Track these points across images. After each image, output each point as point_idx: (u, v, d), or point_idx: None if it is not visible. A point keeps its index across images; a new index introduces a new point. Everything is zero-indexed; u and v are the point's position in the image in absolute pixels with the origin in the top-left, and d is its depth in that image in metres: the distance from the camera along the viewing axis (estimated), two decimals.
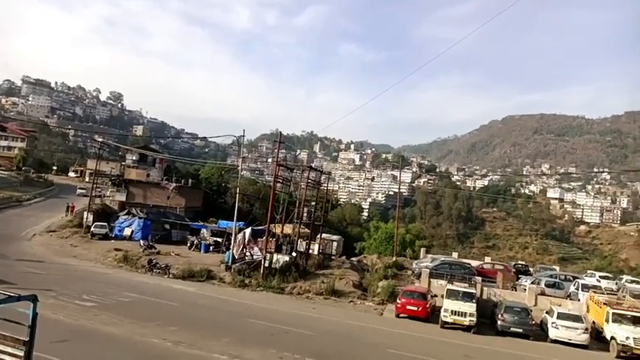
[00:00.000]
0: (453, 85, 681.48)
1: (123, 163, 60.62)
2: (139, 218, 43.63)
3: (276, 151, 35.72)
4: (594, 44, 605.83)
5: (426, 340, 20.59)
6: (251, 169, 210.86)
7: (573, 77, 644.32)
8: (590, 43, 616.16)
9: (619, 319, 21.50)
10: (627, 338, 20.32)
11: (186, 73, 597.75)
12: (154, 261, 31.26)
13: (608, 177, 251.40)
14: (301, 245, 34.25)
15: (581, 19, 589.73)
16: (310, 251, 35.44)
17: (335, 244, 42.60)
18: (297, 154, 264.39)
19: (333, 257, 39.64)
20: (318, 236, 38.40)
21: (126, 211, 47.47)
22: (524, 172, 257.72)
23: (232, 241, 32.95)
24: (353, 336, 19.63)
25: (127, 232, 42.68)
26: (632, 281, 40.05)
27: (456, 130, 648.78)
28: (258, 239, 34.78)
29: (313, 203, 36.65)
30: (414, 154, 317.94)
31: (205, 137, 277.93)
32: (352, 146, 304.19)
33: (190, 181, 62.68)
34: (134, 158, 59.58)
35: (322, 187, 40.02)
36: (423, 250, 49.15)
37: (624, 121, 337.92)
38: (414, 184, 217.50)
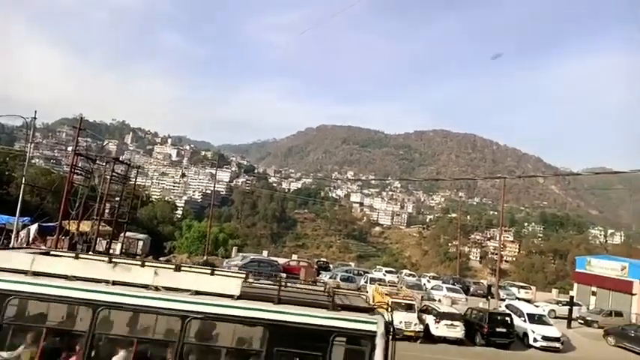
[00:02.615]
0: (275, 90, 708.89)
1: None
2: None
3: (77, 138, 31.82)
4: (396, 69, 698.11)
5: None
6: (46, 157, 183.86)
7: (376, 96, 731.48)
8: (391, 67, 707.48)
9: (396, 306, 25.08)
10: (400, 322, 23.85)
11: None
12: None
13: (398, 185, 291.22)
14: (101, 244, 31.29)
15: (381, 46, 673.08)
16: (111, 251, 32.63)
17: (141, 243, 40.12)
18: (105, 144, 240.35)
19: (138, 257, 37.23)
20: (122, 235, 35.66)
21: None
22: (333, 178, 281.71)
23: (13, 239, 28.25)
24: None
25: None
26: (409, 274, 47.35)
27: (275, 133, 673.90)
28: (48, 237, 30.57)
29: (118, 199, 33.80)
30: (234, 154, 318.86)
31: None
32: (169, 140, 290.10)
33: None
34: None
35: (131, 182, 37.24)
36: (235, 248, 49.69)
37: (413, 138, 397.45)
38: (232, 184, 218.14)
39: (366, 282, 33.88)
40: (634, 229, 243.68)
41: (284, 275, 31.37)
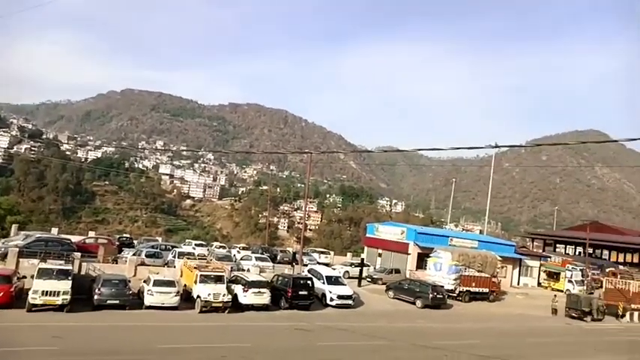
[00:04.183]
0: (67, 44, 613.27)
1: None
2: None
3: None
4: (209, 37, 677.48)
5: (8, 329, 17.97)
6: None
7: (189, 63, 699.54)
8: (205, 35, 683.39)
9: (205, 279, 24.89)
10: (209, 295, 23.82)
11: None
12: None
13: (212, 157, 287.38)
14: None
15: (194, 9, 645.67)
16: None
17: None
18: None
19: None
20: None
21: None
22: (140, 147, 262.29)
23: None
24: None
25: None
26: (220, 246, 47.51)
27: (70, 94, 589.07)
28: None
29: None
30: (16, 115, 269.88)
31: None
32: None
33: None
34: None
35: None
36: (15, 226, 42.57)
37: (228, 110, 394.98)
38: (12, 151, 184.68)
39: (174, 257, 32.83)
40: (412, 200, 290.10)
41: (78, 254, 28.30)
